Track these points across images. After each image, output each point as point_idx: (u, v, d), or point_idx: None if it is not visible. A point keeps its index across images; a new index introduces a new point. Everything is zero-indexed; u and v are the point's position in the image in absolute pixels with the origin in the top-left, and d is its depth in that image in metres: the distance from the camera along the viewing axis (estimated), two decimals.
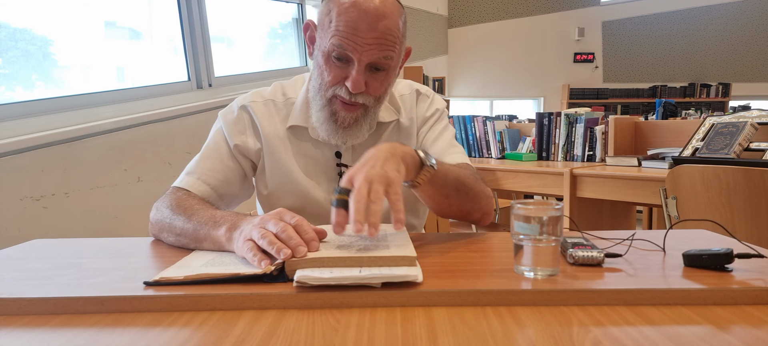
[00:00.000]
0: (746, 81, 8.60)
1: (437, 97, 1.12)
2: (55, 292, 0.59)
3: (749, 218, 1.48)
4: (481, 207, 0.95)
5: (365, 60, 0.87)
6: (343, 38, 0.86)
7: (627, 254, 0.73)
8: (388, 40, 0.88)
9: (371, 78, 0.90)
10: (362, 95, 0.91)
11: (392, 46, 0.89)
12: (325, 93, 0.93)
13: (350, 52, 0.87)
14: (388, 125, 1.06)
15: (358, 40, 0.86)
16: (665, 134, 2.62)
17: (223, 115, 1.05)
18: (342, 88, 0.90)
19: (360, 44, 0.86)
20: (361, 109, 0.93)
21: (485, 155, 3.09)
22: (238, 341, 0.49)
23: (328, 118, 0.94)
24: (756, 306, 0.56)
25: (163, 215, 0.87)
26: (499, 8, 8.82)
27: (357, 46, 0.86)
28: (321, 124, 0.96)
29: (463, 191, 0.90)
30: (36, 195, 1.74)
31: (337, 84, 0.91)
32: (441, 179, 0.85)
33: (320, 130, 0.97)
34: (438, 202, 0.90)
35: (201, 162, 1.01)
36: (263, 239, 0.66)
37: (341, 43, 0.86)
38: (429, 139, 1.07)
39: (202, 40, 2.72)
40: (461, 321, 0.53)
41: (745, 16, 8.52)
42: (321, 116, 0.95)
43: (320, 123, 0.96)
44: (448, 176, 0.87)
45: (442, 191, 0.88)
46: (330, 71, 0.90)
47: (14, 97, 2.03)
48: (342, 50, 0.87)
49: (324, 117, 0.94)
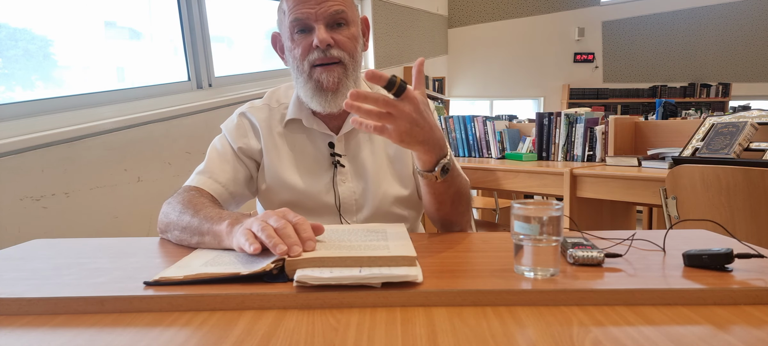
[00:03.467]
0: (746, 81, 8.60)
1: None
2: (55, 292, 0.59)
3: (749, 218, 1.48)
4: (462, 224, 1.01)
5: (322, 19, 0.95)
6: (297, 12, 0.95)
7: (627, 254, 0.73)
8: None
9: (335, 33, 0.97)
10: (335, 49, 0.96)
11: (340, 1, 0.96)
12: (303, 68, 0.98)
13: (306, 19, 0.95)
14: None
15: (310, 4, 0.94)
16: (665, 134, 2.62)
17: (225, 125, 1.12)
18: (313, 52, 0.96)
19: (312, 7, 0.95)
20: (340, 68, 0.98)
21: (485, 155, 3.09)
22: (238, 341, 0.49)
23: (315, 89, 0.99)
24: (756, 306, 0.56)
25: (173, 210, 0.89)
26: (499, 8, 8.82)
27: (311, 12, 0.95)
28: (311, 99, 1.00)
29: (456, 202, 0.95)
30: (36, 195, 1.74)
31: (308, 52, 0.97)
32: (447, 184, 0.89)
33: (312, 104, 1.01)
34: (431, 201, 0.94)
35: (210, 163, 1.05)
36: (263, 232, 0.66)
37: (296, 16, 0.95)
38: None
39: (202, 40, 2.72)
40: (461, 321, 0.53)
41: (745, 16, 8.52)
42: (308, 91, 0.99)
43: (310, 98, 1.00)
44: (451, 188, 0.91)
45: (441, 196, 0.92)
46: (298, 46, 0.97)
47: (14, 97, 2.03)
48: (299, 21, 0.96)
49: (311, 90, 0.99)
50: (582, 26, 8.78)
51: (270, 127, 1.08)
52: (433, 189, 0.90)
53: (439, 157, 0.83)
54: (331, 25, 0.96)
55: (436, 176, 0.84)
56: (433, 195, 0.91)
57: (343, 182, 1.06)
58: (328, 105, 0.99)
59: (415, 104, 0.75)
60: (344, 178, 1.06)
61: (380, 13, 5.88)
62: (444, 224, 1.00)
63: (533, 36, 8.84)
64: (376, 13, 5.77)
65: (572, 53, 8.88)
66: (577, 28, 8.77)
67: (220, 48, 2.96)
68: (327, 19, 0.95)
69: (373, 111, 0.73)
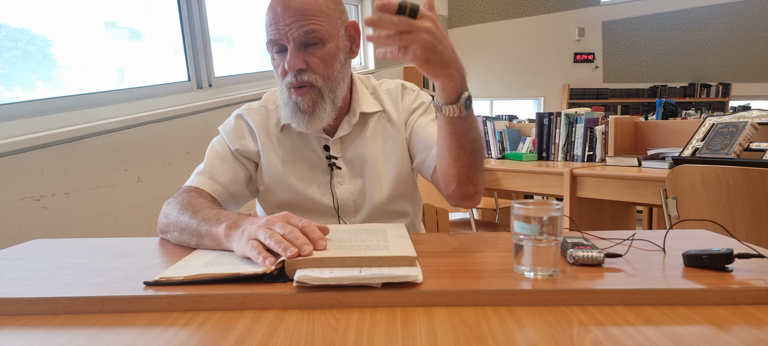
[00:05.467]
0: (746, 81, 8.60)
1: (424, 92, 1.14)
2: (55, 292, 0.59)
3: (749, 218, 1.48)
4: (478, 182, 0.93)
5: (292, 39, 0.92)
6: (271, 33, 0.94)
7: (627, 254, 0.73)
8: (306, 14, 0.92)
9: (308, 54, 0.94)
10: (307, 73, 0.94)
11: (313, 20, 0.92)
12: (282, 88, 0.98)
13: (279, 39, 0.93)
14: (373, 116, 1.09)
15: (280, 25, 0.92)
16: (665, 134, 2.62)
17: (222, 127, 1.12)
18: (288, 75, 0.95)
19: (281, 28, 0.92)
20: (314, 91, 0.96)
21: (485, 155, 3.08)
22: (238, 341, 0.49)
23: (293, 109, 0.98)
24: (756, 306, 0.56)
25: (173, 211, 0.89)
26: (499, 8, 8.81)
27: (281, 31, 0.92)
28: (291, 118, 1.00)
29: (476, 152, 0.88)
30: (36, 195, 1.74)
31: (285, 74, 0.96)
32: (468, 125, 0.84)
33: (292, 123, 1.00)
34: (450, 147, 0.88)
35: (210, 164, 1.05)
36: (270, 239, 0.66)
37: (271, 36, 0.94)
38: (419, 126, 1.08)
39: (202, 40, 2.72)
40: (461, 321, 0.53)
41: (745, 16, 8.52)
42: (288, 110, 0.99)
43: (289, 118, 1.00)
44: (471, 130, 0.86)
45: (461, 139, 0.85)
46: (278, 66, 0.97)
47: (14, 97, 2.03)
48: (273, 42, 0.94)
49: (290, 110, 0.99)
50: (582, 26, 8.78)
51: (267, 129, 1.08)
52: (454, 130, 0.84)
53: (462, 88, 0.79)
54: (303, 44, 0.93)
55: (461, 108, 0.79)
56: (454, 137, 0.85)
57: (341, 183, 1.06)
58: (306, 126, 0.99)
59: (434, 21, 0.71)
60: (341, 180, 1.06)
61: None
62: (460, 181, 0.91)
63: (533, 36, 8.83)
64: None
65: (572, 53, 8.88)
66: (577, 28, 8.77)
67: (220, 48, 2.96)
68: (297, 40, 0.92)
69: (393, 34, 0.69)
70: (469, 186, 0.92)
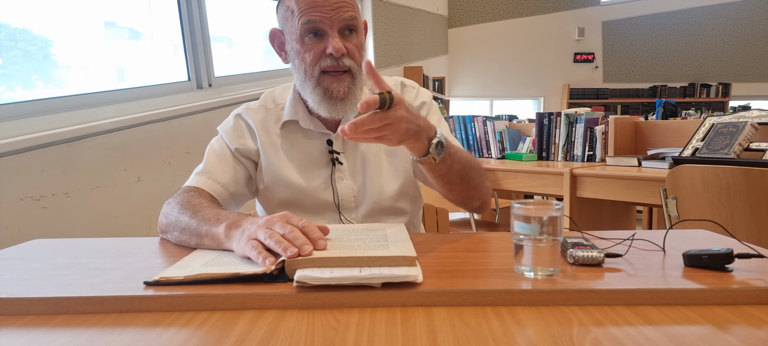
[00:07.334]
0: (746, 81, 8.60)
1: (424, 90, 1.15)
2: (55, 292, 0.59)
3: (749, 218, 1.48)
4: (481, 196, 0.99)
5: (336, 24, 0.94)
6: (311, 15, 0.93)
7: (627, 254, 0.73)
8: (347, 1, 0.95)
9: (347, 41, 0.96)
10: (346, 58, 0.96)
11: (352, 7, 0.96)
12: (313, 73, 0.97)
13: (321, 23, 0.94)
14: None
15: (325, 10, 0.93)
16: (665, 134, 2.62)
17: (221, 127, 1.12)
18: (325, 59, 0.96)
19: (327, 12, 0.93)
20: (349, 77, 0.98)
21: (485, 155, 3.09)
22: (238, 341, 0.49)
23: (323, 96, 0.98)
24: (756, 306, 0.56)
25: (172, 211, 0.89)
26: (499, 8, 8.82)
27: (325, 16, 0.93)
28: (318, 105, 0.99)
29: (466, 177, 0.94)
30: (36, 195, 1.74)
31: (320, 58, 0.96)
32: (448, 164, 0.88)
33: (319, 110, 1.00)
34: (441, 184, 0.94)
35: (209, 164, 1.05)
36: (270, 239, 0.66)
37: (310, 18, 0.93)
38: None
39: (202, 40, 2.72)
40: (461, 321, 0.53)
41: (745, 16, 8.52)
42: (316, 97, 0.99)
43: (317, 103, 0.99)
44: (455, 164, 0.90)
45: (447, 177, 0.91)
46: (309, 50, 0.96)
47: (14, 97, 2.03)
48: (313, 24, 0.94)
49: (319, 96, 0.99)
50: (582, 26, 8.78)
51: (267, 127, 1.08)
52: (438, 172, 0.89)
53: (429, 139, 0.83)
54: (343, 31, 0.96)
55: (433, 157, 0.84)
56: (441, 178, 0.91)
57: (341, 178, 1.06)
58: (336, 112, 0.99)
59: (404, 105, 0.77)
60: (342, 175, 1.07)
61: (380, 13, 5.87)
62: (464, 203, 0.99)
63: (533, 36, 8.84)
64: (376, 13, 5.77)
65: (572, 53, 8.88)
66: (577, 28, 8.77)
67: (220, 48, 2.96)
68: (340, 26, 0.95)
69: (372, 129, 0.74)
70: (472, 202, 0.99)
